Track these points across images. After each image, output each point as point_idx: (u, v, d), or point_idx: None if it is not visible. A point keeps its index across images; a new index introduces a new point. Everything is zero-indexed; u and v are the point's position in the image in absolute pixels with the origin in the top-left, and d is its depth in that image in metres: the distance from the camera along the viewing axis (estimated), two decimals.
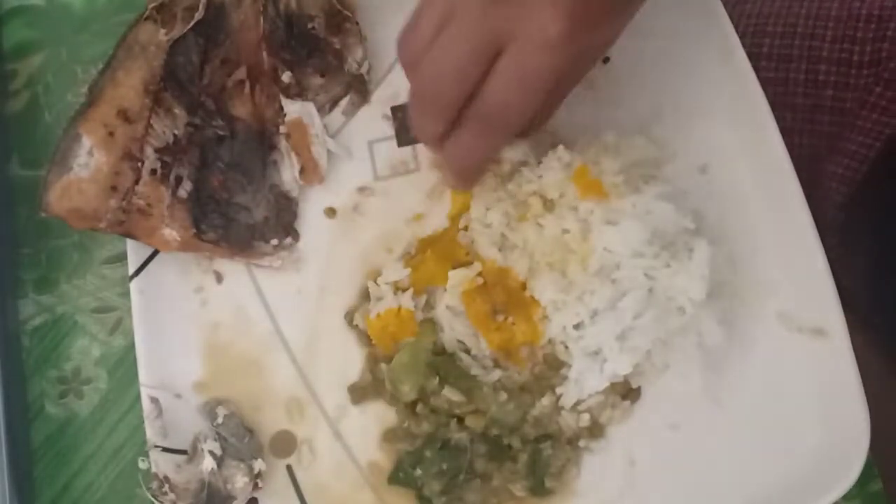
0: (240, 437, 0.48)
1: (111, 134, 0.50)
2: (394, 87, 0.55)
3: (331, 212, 0.53)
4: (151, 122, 0.50)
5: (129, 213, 0.49)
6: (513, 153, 0.50)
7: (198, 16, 0.51)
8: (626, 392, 0.48)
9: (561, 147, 0.51)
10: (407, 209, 0.53)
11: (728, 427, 0.46)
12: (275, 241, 0.51)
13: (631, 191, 0.49)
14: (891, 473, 0.46)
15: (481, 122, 0.43)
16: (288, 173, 0.52)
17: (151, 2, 0.51)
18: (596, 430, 0.47)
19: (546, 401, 0.47)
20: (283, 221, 0.52)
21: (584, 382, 0.47)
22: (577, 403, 0.47)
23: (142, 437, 0.48)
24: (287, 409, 0.49)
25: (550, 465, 0.46)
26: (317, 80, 0.54)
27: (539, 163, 0.50)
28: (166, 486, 0.46)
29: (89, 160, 0.49)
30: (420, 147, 0.54)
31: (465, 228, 0.51)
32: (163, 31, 0.51)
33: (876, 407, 0.44)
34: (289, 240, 0.52)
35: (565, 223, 0.49)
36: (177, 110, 0.51)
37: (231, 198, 0.51)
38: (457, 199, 0.52)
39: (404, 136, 0.54)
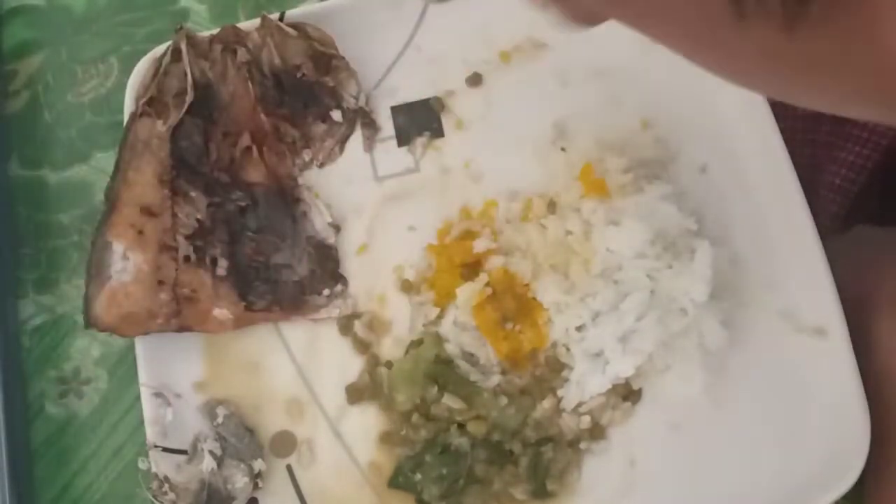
0: (240, 437, 0.48)
1: (140, 232, 0.49)
2: (392, 87, 0.55)
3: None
4: (174, 210, 0.50)
5: (180, 304, 0.49)
6: None
7: (188, 99, 0.51)
8: (628, 393, 0.47)
9: (562, 146, 0.51)
10: (407, 211, 0.53)
11: (728, 428, 0.46)
12: (326, 292, 0.50)
13: (634, 191, 0.49)
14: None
15: None
16: (319, 221, 0.52)
17: (141, 98, 0.52)
18: (597, 432, 0.47)
19: (547, 403, 0.47)
20: (328, 270, 0.51)
21: (585, 384, 0.47)
22: (579, 405, 0.47)
23: (142, 437, 0.48)
24: (287, 409, 0.49)
25: (552, 468, 0.46)
26: (320, 127, 0.54)
27: None
28: (166, 486, 0.46)
29: (126, 264, 0.49)
30: (419, 147, 0.54)
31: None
32: (160, 122, 0.52)
33: None
34: (339, 287, 0.51)
35: (568, 224, 0.49)
36: (193, 194, 0.51)
37: (269, 260, 0.51)
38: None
39: (404, 135, 0.54)
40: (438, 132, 0.54)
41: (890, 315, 0.46)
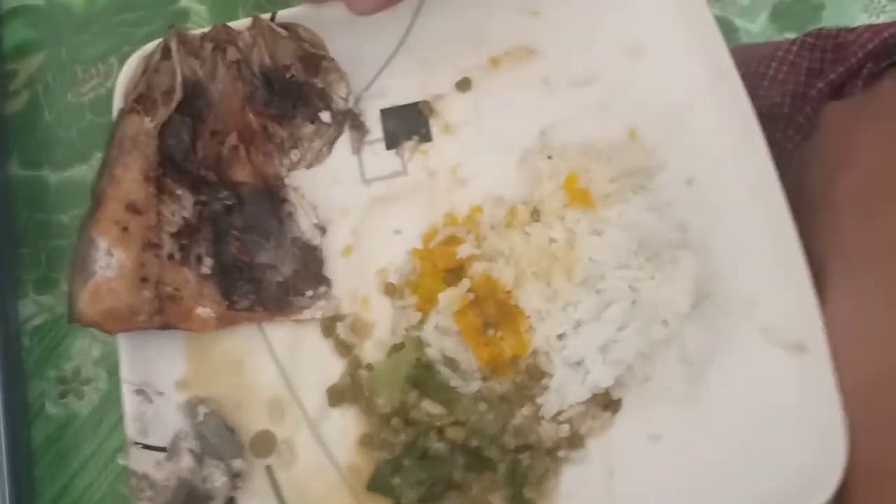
0: (220, 435, 0.48)
1: (125, 229, 0.49)
2: (383, 89, 0.55)
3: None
4: (160, 208, 0.50)
5: (163, 301, 0.49)
6: None
7: (177, 97, 0.51)
8: (608, 403, 0.47)
9: (549, 154, 0.51)
10: (393, 214, 0.53)
11: (707, 439, 0.46)
12: (310, 293, 0.51)
13: (618, 201, 0.49)
14: None
15: None
16: (305, 222, 0.52)
17: (130, 95, 0.52)
18: (576, 441, 0.47)
19: (526, 411, 0.47)
20: (312, 271, 0.51)
21: (565, 393, 0.47)
22: (558, 414, 0.47)
23: None
24: (268, 409, 0.49)
25: (529, 476, 0.46)
26: (308, 128, 0.54)
27: None
28: (144, 483, 0.46)
29: (110, 260, 0.49)
30: (408, 150, 0.54)
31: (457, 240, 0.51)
32: (148, 119, 0.51)
33: None
34: (323, 288, 0.51)
35: (552, 232, 0.49)
36: (180, 191, 0.51)
37: (253, 259, 0.51)
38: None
39: (393, 138, 0.54)
40: (427, 136, 0.54)
41: None
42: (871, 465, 0.43)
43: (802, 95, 0.66)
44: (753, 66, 0.72)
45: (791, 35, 0.66)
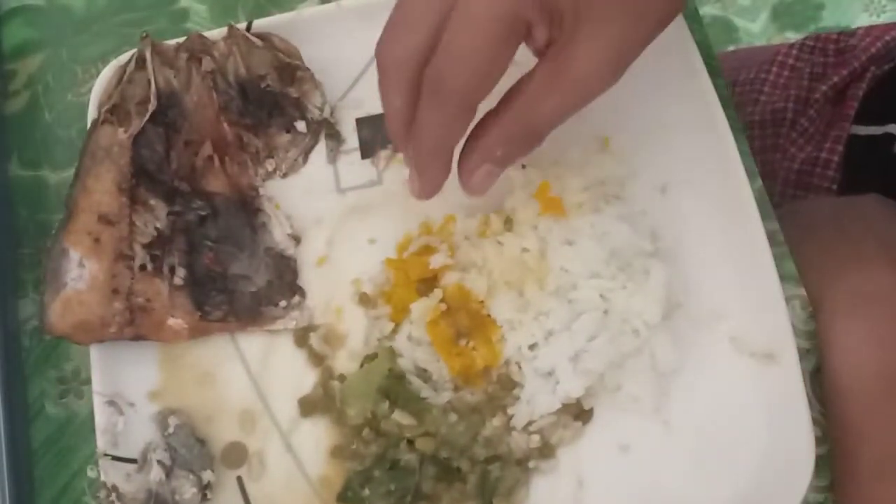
0: (190, 447, 0.48)
1: (97, 240, 0.49)
2: (358, 98, 0.55)
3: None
4: (133, 219, 0.50)
5: (134, 313, 0.49)
6: None
7: (151, 107, 0.51)
8: (579, 412, 0.47)
9: (522, 163, 0.51)
10: (368, 224, 0.52)
11: (676, 449, 0.46)
12: (283, 303, 0.50)
13: (591, 210, 0.49)
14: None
15: (432, 86, 0.37)
16: (279, 232, 0.52)
17: (104, 105, 0.52)
18: (546, 451, 0.46)
19: (497, 421, 0.47)
20: (286, 281, 0.51)
21: (536, 403, 0.46)
22: (529, 424, 0.47)
23: None
24: (240, 420, 0.49)
25: (499, 487, 0.46)
26: (283, 138, 0.54)
27: None
28: (113, 495, 0.46)
29: (82, 272, 0.49)
30: (383, 160, 0.54)
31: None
32: (121, 129, 0.52)
33: None
34: (296, 298, 0.51)
35: (525, 242, 0.49)
36: (153, 202, 0.51)
37: (226, 270, 0.51)
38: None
39: (368, 148, 0.54)
40: None
41: (842, 315, 0.46)
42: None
43: (805, 100, 0.65)
44: (753, 71, 0.72)
45: (791, 35, 0.66)
